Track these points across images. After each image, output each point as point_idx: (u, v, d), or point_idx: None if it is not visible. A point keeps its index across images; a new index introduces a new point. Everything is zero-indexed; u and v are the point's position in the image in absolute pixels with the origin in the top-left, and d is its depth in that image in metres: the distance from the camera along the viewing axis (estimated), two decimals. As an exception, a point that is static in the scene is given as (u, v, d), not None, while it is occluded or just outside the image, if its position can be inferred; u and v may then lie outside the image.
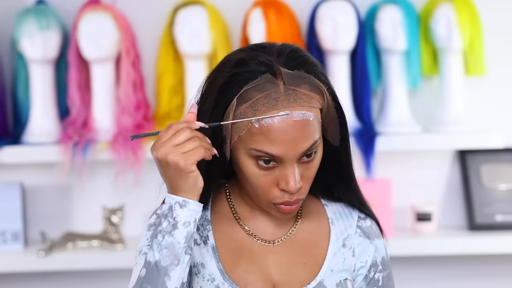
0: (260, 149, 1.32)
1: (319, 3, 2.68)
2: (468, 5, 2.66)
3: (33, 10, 2.66)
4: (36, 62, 2.65)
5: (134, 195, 2.76)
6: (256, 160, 1.34)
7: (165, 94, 2.72)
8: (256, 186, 1.36)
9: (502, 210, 2.72)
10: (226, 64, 1.36)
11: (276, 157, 1.32)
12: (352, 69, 2.70)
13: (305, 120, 1.32)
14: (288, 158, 1.33)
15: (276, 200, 1.36)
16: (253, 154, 1.33)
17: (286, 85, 1.32)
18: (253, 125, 1.31)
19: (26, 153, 2.62)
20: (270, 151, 1.32)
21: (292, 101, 1.32)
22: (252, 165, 1.34)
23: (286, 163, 1.33)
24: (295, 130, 1.32)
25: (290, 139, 1.31)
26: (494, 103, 2.78)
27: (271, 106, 1.31)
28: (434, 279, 2.80)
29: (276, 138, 1.31)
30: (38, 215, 2.78)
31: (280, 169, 1.34)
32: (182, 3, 2.68)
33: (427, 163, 2.79)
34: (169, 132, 1.31)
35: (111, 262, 2.63)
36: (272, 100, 1.31)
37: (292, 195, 1.36)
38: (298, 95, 1.32)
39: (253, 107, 1.31)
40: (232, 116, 1.32)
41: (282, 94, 1.31)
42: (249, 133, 1.33)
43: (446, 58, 2.67)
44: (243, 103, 1.32)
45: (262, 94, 1.31)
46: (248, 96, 1.32)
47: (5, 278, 2.79)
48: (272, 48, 1.37)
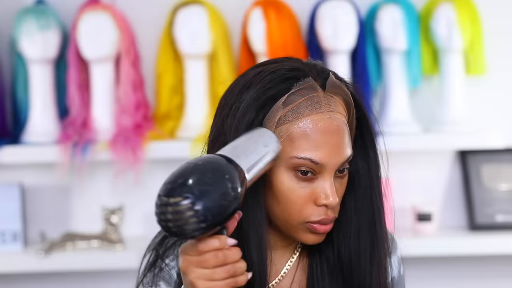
0: (302, 156, 1.23)
1: (319, 3, 2.68)
2: (469, 5, 2.66)
3: (33, 10, 2.66)
4: (35, 62, 2.65)
5: (134, 195, 2.75)
6: (294, 171, 1.24)
7: (164, 94, 2.72)
8: (291, 202, 1.25)
9: (503, 210, 2.72)
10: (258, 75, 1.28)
11: (319, 165, 1.23)
12: (352, 69, 2.70)
13: (344, 127, 1.26)
14: (330, 167, 1.24)
15: (311, 218, 1.25)
16: (293, 163, 1.24)
17: (325, 91, 1.27)
18: (295, 129, 1.24)
19: (25, 153, 2.62)
20: (314, 157, 1.23)
21: (332, 106, 1.26)
22: (288, 178, 1.24)
23: (326, 174, 1.25)
24: (339, 135, 1.25)
25: (334, 145, 1.24)
26: (494, 103, 2.78)
27: (314, 109, 1.25)
28: (434, 279, 2.80)
29: (320, 142, 1.24)
30: (38, 215, 2.78)
31: (318, 182, 1.25)
32: (182, 3, 2.68)
33: (427, 163, 2.79)
34: (200, 248, 1.14)
35: (110, 262, 2.63)
36: (315, 103, 1.25)
37: (329, 212, 1.26)
38: (335, 102, 1.27)
39: (295, 111, 1.24)
40: (276, 122, 1.25)
41: (323, 99, 1.26)
42: (289, 140, 1.24)
43: (447, 58, 2.67)
44: (285, 108, 1.25)
45: (304, 97, 1.25)
46: (290, 100, 1.25)
47: (5, 278, 2.78)
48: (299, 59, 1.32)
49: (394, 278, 1.43)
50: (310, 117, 1.24)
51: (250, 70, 1.32)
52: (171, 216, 1.10)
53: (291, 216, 1.26)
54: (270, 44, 2.60)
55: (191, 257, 1.14)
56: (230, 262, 1.14)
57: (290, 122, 1.24)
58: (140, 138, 2.61)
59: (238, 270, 1.14)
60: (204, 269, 1.13)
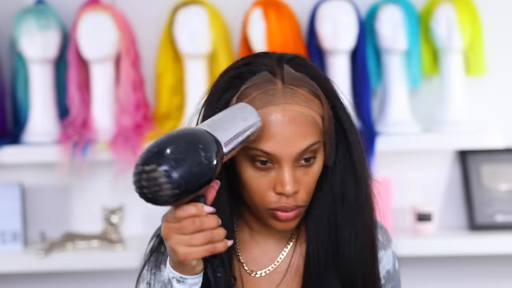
0: (254, 146, 1.27)
1: (319, 3, 2.68)
2: (469, 5, 2.66)
3: (33, 10, 2.66)
4: (35, 62, 2.65)
5: (134, 195, 2.70)
6: (252, 161, 1.28)
7: (165, 94, 2.72)
8: (253, 191, 1.30)
9: (503, 210, 2.72)
10: (227, 70, 1.35)
11: (272, 156, 1.27)
12: (352, 69, 2.70)
13: (302, 116, 1.28)
14: (284, 158, 1.27)
15: (272, 205, 1.30)
16: (250, 154, 1.28)
17: (284, 84, 1.29)
18: None
19: (25, 153, 2.62)
20: (265, 148, 1.27)
21: (288, 97, 1.28)
22: (249, 167, 1.29)
23: (283, 163, 1.28)
24: (292, 126, 1.27)
25: (287, 136, 1.27)
26: (494, 103, 2.78)
27: (267, 102, 1.28)
28: (434, 279, 2.80)
29: (271, 134, 1.27)
30: (38, 215, 2.78)
31: (276, 171, 1.28)
32: (182, 3, 2.68)
33: (427, 163, 2.79)
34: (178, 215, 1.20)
35: (110, 262, 2.63)
36: (269, 96, 1.28)
37: (288, 200, 1.29)
38: (296, 94, 1.29)
39: (250, 104, 1.28)
40: None
41: (279, 91, 1.29)
42: None
43: (447, 58, 2.67)
44: (241, 101, 1.29)
45: (259, 91, 1.29)
46: (245, 94, 1.29)
47: (5, 278, 2.78)
48: (273, 54, 1.35)
49: (389, 270, 1.46)
50: (262, 110, 1.28)
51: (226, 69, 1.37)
52: (146, 183, 1.18)
53: (256, 203, 1.32)
54: (270, 44, 2.60)
55: (170, 223, 1.20)
56: (207, 228, 1.19)
57: None
58: (140, 138, 2.61)
59: (216, 237, 1.20)
60: (183, 235, 1.19)
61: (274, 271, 1.39)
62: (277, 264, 1.40)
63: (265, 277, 1.39)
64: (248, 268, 1.40)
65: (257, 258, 1.40)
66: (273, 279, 1.39)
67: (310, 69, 1.33)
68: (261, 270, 1.40)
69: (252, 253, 1.40)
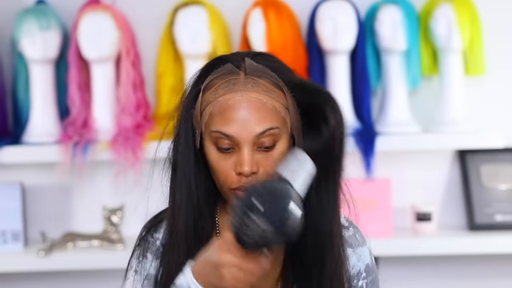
0: (216, 129, 1.37)
1: (319, 3, 2.68)
2: (468, 5, 2.66)
3: (33, 10, 2.66)
4: (36, 62, 2.65)
5: (134, 195, 2.75)
6: (216, 145, 1.39)
7: (165, 94, 2.72)
8: (218, 172, 1.40)
9: (502, 210, 2.72)
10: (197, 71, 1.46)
11: (231, 138, 1.37)
12: (352, 69, 2.70)
13: (260, 103, 1.38)
14: (243, 140, 1.37)
15: (233, 185, 1.39)
16: (213, 137, 1.38)
17: (246, 74, 1.39)
18: (214, 108, 1.38)
19: (26, 153, 2.62)
20: (224, 130, 1.37)
21: (249, 86, 1.39)
22: (213, 150, 1.39)
23: (242, 146, 1.37)
24: (249, 110, 1.37)
25: (244, 120, 1.37)
26: (494, 103, 2.78)
27: (229, 89, 1.38)
28: (434, 279, 2.80)
29: (230, 117, 1.37)
30: (38, 215, 2.79)
31: (237, 154, 1.38)
32: (182, 3, 2.68)
33: (427, 163, 2.80)
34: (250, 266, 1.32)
35: (111, 262, 2.63)
36: (231, 84, 1.38)
37: (248, 180, 1.38)
38: (257, 84, 1.39)
39: (214, 92, 1.39)
40: (200, 106, 1.40)
41: (241, 81, 1.39)
42: (210, 117, 1.39)
43: (446, 58, 2.67)
44: (207, 91, 1.40)
45: (223, 80, 1.39)
46: (211, 85, 1.40)
47: (5, 278, 2.79)
48: (241, 52, 1.46)
49: (368, 264, 1.51)
50: (223, 96, 1.39)
51: None
52: (249, 231, 1.27)
53: (221, 184, 1.41)
54: (270, 44, 2.61)
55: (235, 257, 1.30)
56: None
57: (210, 103, 1.40)
58: (140, 138, 2.61)
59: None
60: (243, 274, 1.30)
61: None
62: None
63: None
64: None
65: None
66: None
67: (273, 62, 1.43)
68: None
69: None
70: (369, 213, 2.64)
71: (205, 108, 1.40)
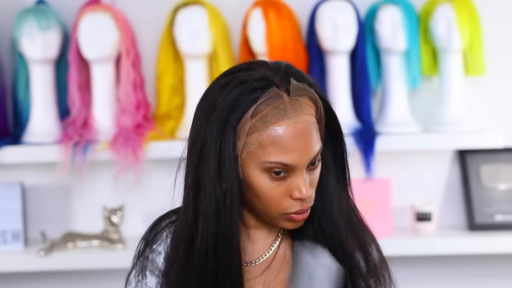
0: (274, 160, 1.34)
1: (319, 3, 2.69)
2: (468, 5, 2.66)
3: (33, 10, 2.66)
4: (36, 62, 2.65)
5: (134, 195, 2.76)
6: (268, 172, 1.35)
7: (165, 94, 2.72)
8: (268, 199, 1.37)
9: (502, 210, 2.72)
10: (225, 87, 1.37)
11: (289, 167, 1.35)
12: (352, 69, 2.71)
13: (311, 127, 1.36)
14: (300, 166, 1.35)
15: (289, 210, 1.37)
16: (266, 167, 1.35)
17: (290, 96, 1.36)
18: (265, 137, 1.34)
19: (26, 153, 2.62)
20: (284, 161, 1.34)
21: (298, 110, 1.35)
22: (264, 178, 1.36)
23: (297, 171, 1.36)
24: (305, 137, 1.35)
25: (302, 147, 1.34)
26: (493, 103, 2.78)
27: (281, 117, 1.34)
28: (434, 279, 2.80)
29: (289, 147, 1.34)
30: (38, 215, 2.79)
31: (291, 178, 1.36)
32: (182, 3, 2.68)
33: (427, 163, 2.80)
34: None
35: (111, 262, 2.64)
36: (281, 111, 1.35)
37: (304, 203, 1.38)
38: (302, 104, 1.36)
39: (263, 120, 1.34)
40: (245, 133, 1.34)
41: (288, 105, 1.35)
42: (260, 146, 1.34)
43: (446, 58, 2.67)
44: (253, 118, 1.35)
45: (270, 106, 1.35)
46: (258, 111, 1.35)
47: (5, 278, 2.79)
48: (266, 64, 1.41)
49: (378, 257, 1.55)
50: (277, 125, 1.34)
51: (221, 77, 1.40)
52: None
53: (271, 210, 1.38)
54: (270, 44, 2.61)
55: None
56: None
57: (259, 131, 1.34)
58: (140, 138, 2.61)
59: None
60: None
61: (265, 260, 1.47)
62: (267, 254, 1.47)
63: (255, 267, 1.47)
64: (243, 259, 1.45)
65: (248, 250, 1.47)
66: (263, 268, 1.47)
67: (305, 77, 1.40)
68: (250, 260, 1.47)
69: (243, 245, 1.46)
70: (369, 213, 2.64)
71: (251, 135, 1.34)
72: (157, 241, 1.49)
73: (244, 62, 1.44)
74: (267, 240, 1.48)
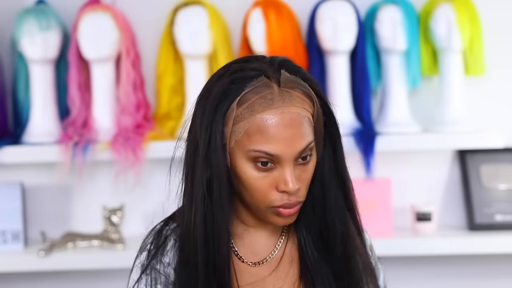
0: (258, 149, 1.34)
1: (319, 3, 2.69)
2: (468, 5, 2.66)
3: (33, 10, 2.66)
4: (36, 62, 2.65)
5: (134, 195, 2.76)
6: (254, 162, 1.35)
7: (165, 94, 2.73)
8: (255, 190, 1.36)
9: (502, 210, 2.72)
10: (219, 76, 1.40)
11: (274, 157, 1.34)
12: (352, 69, 2.71)
13: (300, 119, 1.35)
14: (286, 158, 1.34)
15: (275, 203, 1.37)
16: (252, 156, 1.34)
17: (280, 87, 1.36)
18: (251, 125, 1.34)
19: (26, 153, 2.63)
20: (268, 150, 1.33)
21: (286, 101, 1.35)
22: (250, 168, 1.35)
23: (284, 163, 1.35)
24: (292, 128, 1.34)
25: (288, 137, 1.34)
26: (493, 103, 2.78)
27: (267, 106, 1.34)
28: (434, 279, 2.80)
29: (274, 136, 1.33)
30: (38, 215, 2.79)
31: (278, 171, 1.35)
32: (182, 3, 2.68)
33: (427, 163, 2.80)
34: None
35: (111, 262, 2.64)
36: (268, 100, 1.35)
37: (291, 197, 1.37)
38: (292, 97, 1.36)
39: (250, 108, 1.34)
40: (232, 120, 1.35)
41: (276, 95, 1.35)
42: (246, 135, 1.34)
43: (446, 58, 2.67)
44: (240, 106, 1.35)
45: (258, 95, 1.35)
46: (245, 99, 1.35)
47: (5, 278, 2.79)
48: (263, 57, 1.42)
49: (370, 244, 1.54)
50: (263, 114, 1.34)
51: (220, 69, 1.43)
52: None
53: (258, 201, 1.38)
54: (270, 44, 2.61)
55: None
56: None
57: (246, 119, 1.34)
58: (140, 138, 2.61)
59: None
60: None
61: (273, 260, 1.46)
62: (274, 254, 1.47)
63: (263, 267, 1.46)
64: (247, 259, 1.45)
65: (253, 250, 1.46)
66: (271, 268, 1.46)
67: (301, 71, 1.40)
68: (257, 260, 1.46)
69: (247, 245, 1.46)
70: (369, 213, 2.64)
71: (238, 123, 1.35)
72: (164, 251, 1.46)
73: (244, 56, 1.44)
74: (271, 239, 1.47)
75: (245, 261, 1.45)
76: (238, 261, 1.45)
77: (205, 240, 1.37)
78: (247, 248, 1.46)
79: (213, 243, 1.37)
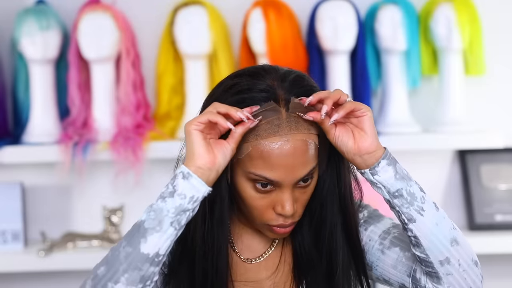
0: (259, 174, 1.33)
1: (319, 3, 2.69)
2: (468, 5, 2.66)
3: (33, 10, 2.66)
4: (36, 62, 2.65)
5: (134, 195, 2.76)
6: (253, 183, 1.35)
7: (165, 94, 2.73)
8: (252, 208, 1.37)
9: (502, 210, 2.72)
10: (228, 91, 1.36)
11: (274, 182, 1.34)
12: (352, 69, 2.70)
13: (305, 146, 1.33)
14: (286, 183, 1.34)
15: (271, 222, 1.38)
16: (251, 178, 1.34)
17: (289, 111, 1.33)
18: (254, 149, 1.33)
19: (26, 153, 2.62)
20: (269, 176, 1.33)
21: (293, 128, 1.33)
22: (249, 187, 1.36)
23: (283, 188, 1.35)
24: (295, 156, 1.33)
25: (290, 165, 1.33)
26: (494, 103, 2.78)
27: (272, 133, 1.32)
28: (434, 279, 2.80)
29: (275, 164, 1.32)
30: (38, 215, 2.79)
31: (276, 193, 1.36)
32: (182, 3, 2.68)
33: (427, 163, 2.80)
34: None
35: (111, 262, 2.63)
36: (274, 126, 1.32)
37: (287, 219, 1.37)
38: (299, 122, 1.33)
39: (255, 132, 1.32)
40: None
41: (284, 121, 1.33)
42: (248, 157, 1.33)
43: (446, 58, 2.67)
44: None
45: (264, 120, 1.32)
46: None
47: (5, 278, 2.79)
48: (276, 72, 1.37)
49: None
50: (267, 140, 1.32)
51: (228, 79, 1.39)
52: None
53: (254, 218, 1.39)
54: (270, 44, 2.61)
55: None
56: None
57: (249, 142, 1.33)
58: (140, 138, 2.61)
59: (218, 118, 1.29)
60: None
61: (268, 257, 1.47)
62: (269, 251, 1.47)
63: (260, 263, 1.47)
64: (243, 256, 1.47)
65: (250, 247, 1.47)
66: (268, 265, 1.47)
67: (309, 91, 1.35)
68: (253, 257, 1.47)
69: (245, 242, 1.47)
70: (369, 213, 2.64)
71: (241, 144, 1.33)
72: None
73: (255, 66, 1.41)
74: (267, 237, 1.47)
75: (241, 257, 1.46)
76: (235, 257, 1.46)
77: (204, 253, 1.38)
78: (244, 244, 1.47)
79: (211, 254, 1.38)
